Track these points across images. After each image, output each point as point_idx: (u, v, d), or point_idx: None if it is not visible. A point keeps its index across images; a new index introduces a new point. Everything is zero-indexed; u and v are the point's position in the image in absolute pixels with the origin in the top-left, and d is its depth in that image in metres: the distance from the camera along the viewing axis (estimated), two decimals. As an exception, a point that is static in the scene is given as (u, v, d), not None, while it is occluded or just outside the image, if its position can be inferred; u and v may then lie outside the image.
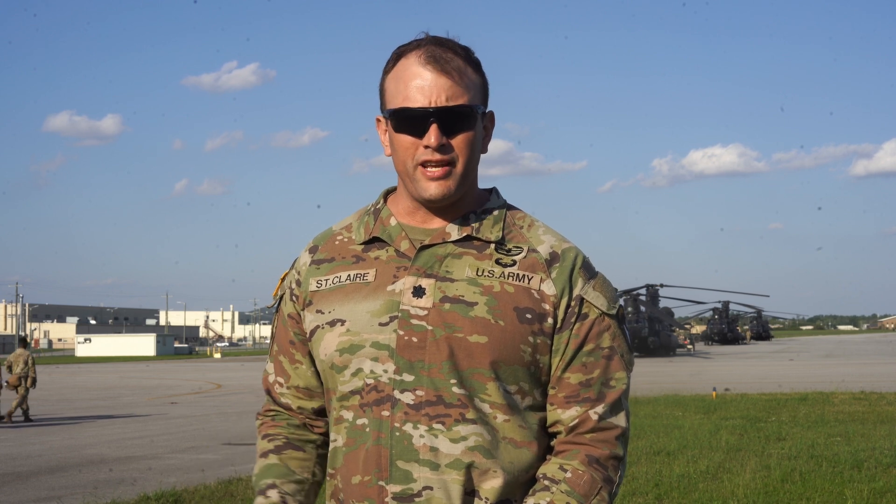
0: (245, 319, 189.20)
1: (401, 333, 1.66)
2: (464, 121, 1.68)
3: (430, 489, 1.62)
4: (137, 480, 10.18)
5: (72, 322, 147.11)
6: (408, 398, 1.64)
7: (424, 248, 1.71)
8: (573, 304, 1.69)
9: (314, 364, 1.81)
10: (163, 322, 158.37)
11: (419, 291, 1.67)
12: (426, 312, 1.66)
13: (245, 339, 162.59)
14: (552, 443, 1.72)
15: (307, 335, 1.78)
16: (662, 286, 62.41)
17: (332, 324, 1.72)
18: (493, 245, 1.72)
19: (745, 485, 8.66)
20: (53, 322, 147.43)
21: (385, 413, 1.65)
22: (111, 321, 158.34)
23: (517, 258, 1.71)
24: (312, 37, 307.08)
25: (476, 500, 1.64)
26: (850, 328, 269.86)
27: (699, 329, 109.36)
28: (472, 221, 1.73)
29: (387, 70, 1.74)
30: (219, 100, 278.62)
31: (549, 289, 1.69)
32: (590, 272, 1.74)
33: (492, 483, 1.64)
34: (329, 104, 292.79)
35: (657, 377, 29.60)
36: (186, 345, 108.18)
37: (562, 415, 1.69)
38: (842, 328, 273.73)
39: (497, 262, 1.70)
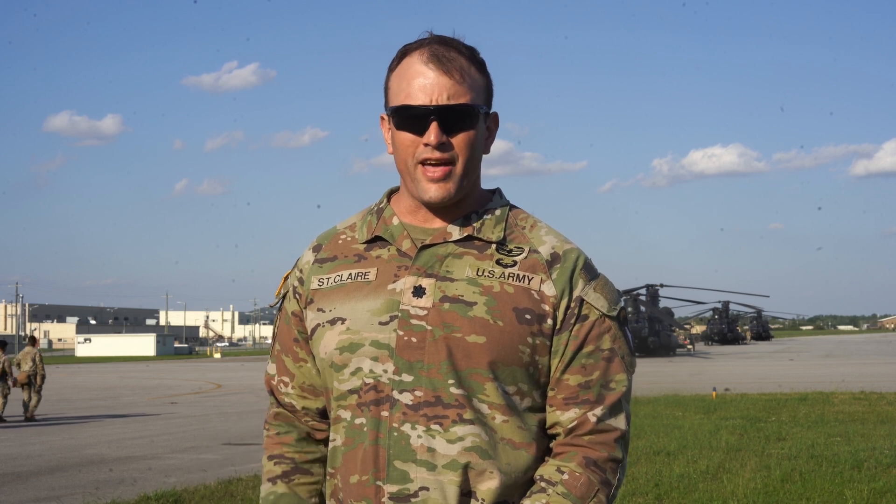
0: (245, 319, 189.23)
1: (400, 333, 1.66)
2: (465, 120, 1.68)
3: (427, 490, 1.62)
4: (137, 480, 10.17)
5: (72, 322, 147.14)
6: (406, 398, 1.64)
7: (425, 248, 1.71)
8: (573, 306, 1.69)
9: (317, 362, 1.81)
10: (163, 322, 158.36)
11: (419, 291, 1.67)
12: (426, 312, 1.66)
13: (245, 339, 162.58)
14: (551, 444, 1.72)
15: (309, 333, 1.78)
16: (662, 286, 62.41)
17: (333, 322, 1.72)
18: (495, 245, 1.72)
19: (745, 485, 8.66)
20: (53, 322, 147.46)
21: (384, 413, 1.65)
22: (111, 321, 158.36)
23: (518, 259, 1.71)
24: (312, 37, 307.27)
25: (472, 501, 1.64)
26: (850, 328, 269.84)
27: (699, 329, 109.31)
28: (474, 221, 1.73)
29: (391, 68, 1.74)
30: (219, 100, 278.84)
31: (550, 290, 1.68)
32: (591, 273, 1.73)
33: (488, 484, 1.64)
34: (329, 104, 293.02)
35: (657, 377, 29.59)
36: (186, 345, 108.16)
37: (560, 416, 1.69)
38: (842, 328, 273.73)
39: (498, 263, 1.70)
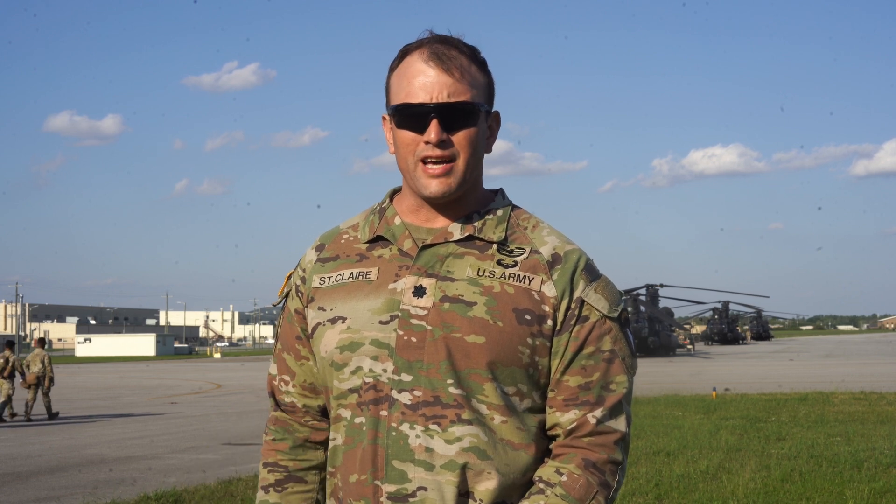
0: (245, 319, 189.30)
1: (400, 333, 1.66)
2: (465, 117, 1.68)
3: (425, 490, 1.62)
4: (137, 480, 10.17)
5: (72, 322, 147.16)
6: (405, 398, 1.64)
7: (426, 248, 1.71)
8: (573, 307, 1.68)
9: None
10: (163, 322, 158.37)
11: (420, 291, 1.67)
12: (426, 312, 1.66)
13: (245, 340, 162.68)
14: (550, 446, 1.71)
15: (310, 331, 1.78)
16: (662, 286, 62.41)
17: (334, 321, 1.72)
18: (496, 245, 1.72)
19: (745, 485, 8.66)
20: (53, 322, 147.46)
21: (383, 413, 1.65)
22: (111, 321, 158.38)
23: (519, 259, 1.70)
24: (312, 37, 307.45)
25: (470, 502, 1.63)
26: (850, 328, 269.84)
27: (699, 329, 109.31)
28: (475, 221, 1.73)
29: (392, 67, 1.74)
30: (219, 100, 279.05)
31: (550, 290, 1.68)
32: (592, 274, 1.73)
33: (486, 485, 1.64)
34: (329, 104, 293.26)
35: (657, 377, 29.59)
36: (186, 345, 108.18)
37: (560, 418, 1.69)
38: (842, 328, 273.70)
39: (499, 263, 1.69)
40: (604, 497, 1.65)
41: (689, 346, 68.93)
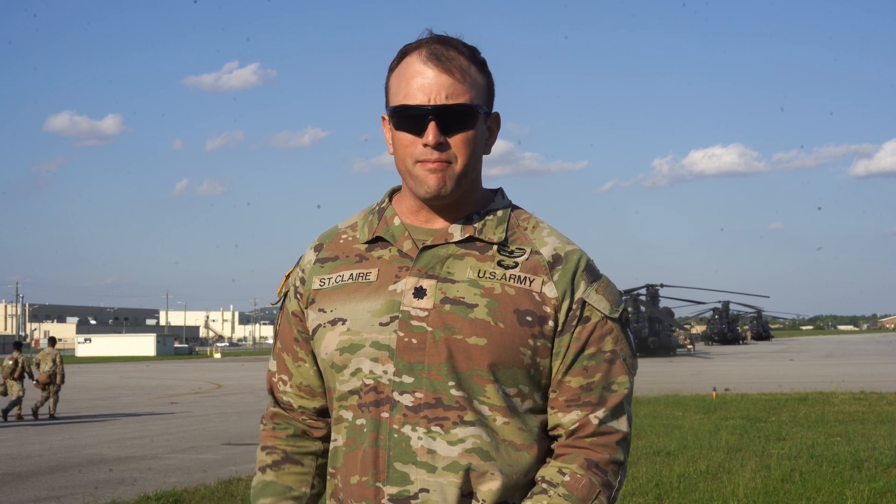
0: (245, 319, 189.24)
1: (401, 335, 1.65)
2: (463, 120, 1.67)
3: (427, 491, 1.62)
4: (137, 480, 10.17)
5: (72, 322, 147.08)
6: (406, 400, 1.64)
7: (427, 249, 1.71)
8: (575, 308, 1.68)
9: (317, 363, 1.81)
10: (163, 322, 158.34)
11: (420, 292, 1.67)
12: (426, 314, 1.65)
13: (245, 340, 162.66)
14: (552, 446, 1.71)
15: (310, 333, 1.78)
16: (662, 286, 62.41)
17: (334, 322, 1.72)
18: (496, 246, 1.71)
19: (745, 485, 8.66)
20: (53, 322, 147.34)
21: (384, 414, 1.64)
22: (111, 321, 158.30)
23: (519, 260, 1.70)
24: (312, 37, 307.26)
25: (473, 503, 1.63)
26: (850, 328, 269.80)
27: (699, 329, 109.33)
28: (476, 222, 1.73)
29: (391, 68, 1.74)
30: (219, 100, 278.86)
31: (551, 291, 1.68)
32: (593, 275, 1.72)
33: (489, 485, 1.63)
34: (329, 104, 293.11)
35: (657, 377, 29.59)
36: (186, 345, 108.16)
37: (562, 418, 1.68)
38: (842, 328, 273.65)
39: (499, 264, 1.69)
40: (606, 497, 1.65)
41: (690, 346, 68.93)
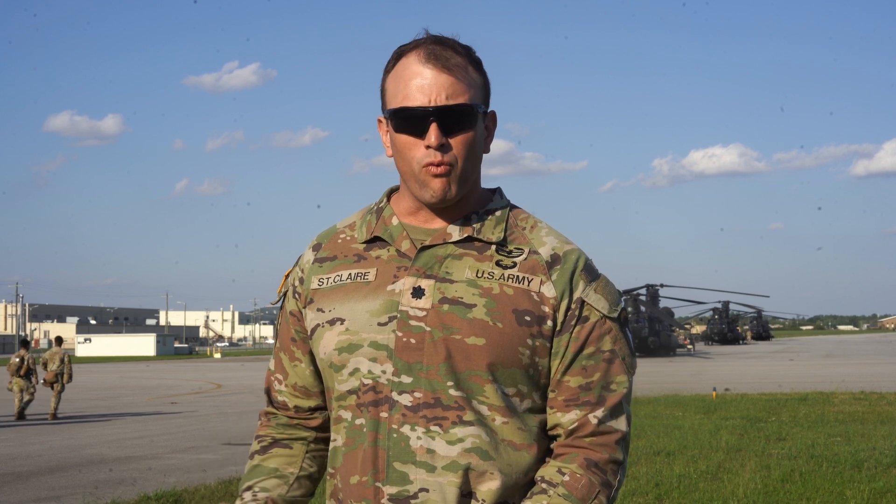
0: (245, 319, 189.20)
1: (399, 335, 1.65)
2: (464, 120, 1.66)
3: (427, 491, 1.62)
4: (137, 480, 10.17)
5: (72, 322, 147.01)
6: (405, 400, 1.63)
7: (425, 249, 1.70)
8: (573, 307, 1.68)
9: (314, 363, 1.81)
10: (163, 322, 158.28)
11: (418, 292, 1.66)
12: (425, 314, 1.65)
13: (245, 339, 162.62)
14: (551, 446, 1.71)
15: (308, 333, 1.78)
16: (662, 286, 62.41)
17: (332, 322, 1.71)
18: (495, 246, 1.71)
19: (745, 485, 8.66)
20: (53, 322, 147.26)
21: (383, 414, 1.64)
22: (111, 321, 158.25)
23: (518, 260, 1.69)
24: (312, 37, 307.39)
25: (473, 502, 1.63)
26: (850, 328, 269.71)
27: (699, 329, 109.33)
28: (474, 222, 1.72)
29: (387, 70, 1.72)
30: (219, 100, 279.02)
31: (549, 291, 1.67)
32: (592, 275, 1.72)
33: (489, 485, 1.63)
34: (330, 104, 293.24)
35: (657, 377, 29.59)
36: (186, 345, 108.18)
37: (561, 418, 1.68)
38: (842, 328, 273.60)
39: (497, 264, 1.69)
40: (606, 496, 1.65)
41: (689, 346, 68.93)
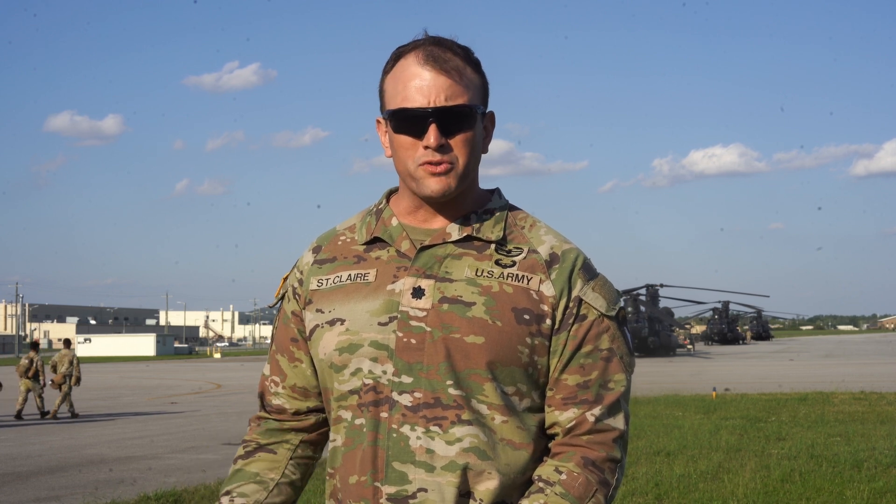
0: (245, 319, 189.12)
1: (400, 335, 1.66)
2: (463, 121, 1.67)
3: (425, 491, 1.62)
4: (137, 480, 10.18)
5: (72, 322, 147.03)
6: (405, 400, 1.64)
7: (424, 249, 1.71)
8: (571, 306, 1.68)
9: (314, 363, 1.81)
10: (163, 322, 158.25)
11: (418, 292, 1.67)
12: (425, 314, 1.65)
13: (245, 339, 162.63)
14: (549, 444, 1.71)
15: (308, 334, 1.78)
16: (662, 286, 62.42)
17: (332, 323, 1.72)
18: (494, 245, 1.71)
19: (745, 485, 8.66)
20: (53, 322, 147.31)
21: (383, 414, 1.64)
22: (111, 321, 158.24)
23: (517, 259, 1.70)
24: (312, 37, 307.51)
25: (471, 502, 1.63)
26: (850, 328, 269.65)
27: (699, 329, 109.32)
28: (473, 222, 1.73)
29: (386, 71, 1.73)
30: (219, 100, 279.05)
31: (548, 290, 1.68)
32: (590, 273, 1.73)
33: (487, 485, 1.63)
34: (330, 104, 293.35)
35: (657, 377, 29.59)
36: (186, 345, 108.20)
37: (559, 416, 1.68)
38: (842, 328, 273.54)
39: (497, 263, 1.69)
40: (603, 495, 1.65)
41: (689, 346, 68.95)
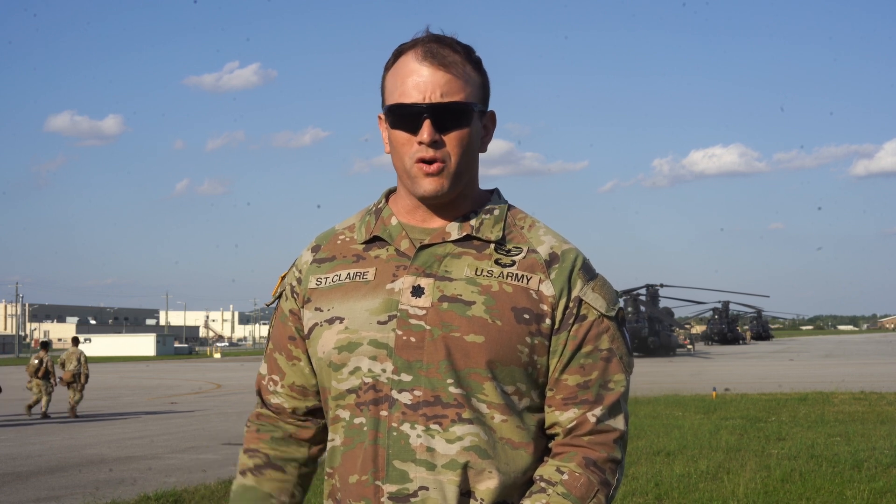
0: (245, 319, 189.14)
1: (399, 333, 1.66)
2: (458, 117, 1.67)
3: (426, 489, 1.62)
4: (137, 480, 10.18)
5: (72, 322, 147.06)
6: (405, 398, 1.64)
7: (424, 248, 1.71)
8: (571, 306, 1.68)
9: (312, 362, 1.81)
10: (163, 322, 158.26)
11: (418, 291, 1.67)
12: (424, 312, 1.65)
13: (245, 339, 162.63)
14: (550, 444, 1.71)
15: (306, 332, 1.78)
16: (662, 286, 62.41)
17: (331, 321, 1.72)
18: (493, 245, 1.72)
19: (745, 485, 8.66)
20: (53, 322, 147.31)
21: (383, 413, 1.64)
22: (111, 321, 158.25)
23: (516, 258, 1.70)
24: (313, 37, 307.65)
25: (471, 501, 1.63)
26: (850, 328, 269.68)
27: (699, 329, 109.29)
28: (473, 221, 1.73)
29: (387, 67, 1.74)
30: (220, 100, 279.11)
31: (548, 289, 1.68)
32: (589, 273, 1.73)
33: (487, 484, 1.63)
34: (330, 104, 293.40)
35: (657, 377, 29.59)
36: (186, 345, 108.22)
37: (559, 417, 1.69)
38: (842, 328, 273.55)
39: (496, 262, 1.69)
40: (605, 495, 1.65)
41: (689, 346, 68.93)
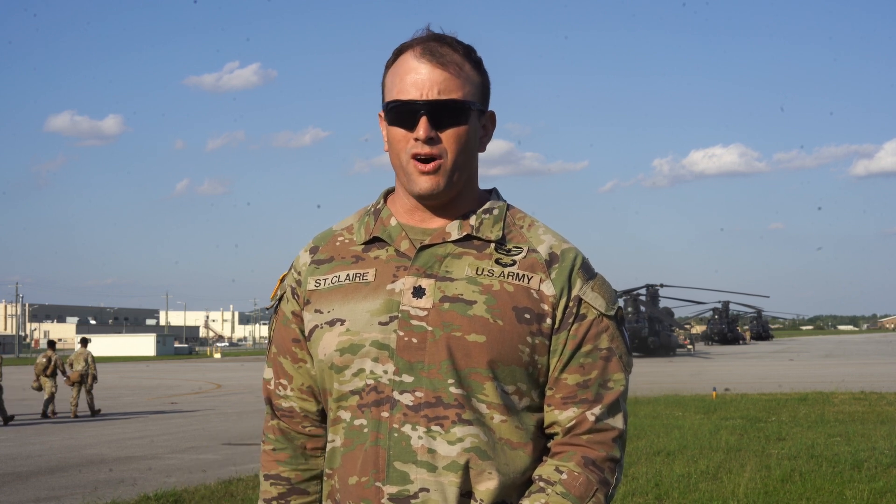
0: (245, 319, 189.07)
1: (401, 334, 1.66)
2: (455, 115, 1.68)
3: (427, 491, 1.62)
4: (137, 480, 10.18)
5: (72, 322, 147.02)
6: (407, 399, 1.64)
7: (424, 248, 1.71)
8: (571, 305, 1.69)
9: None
10: (163, 322, 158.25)
11: (419, 292, 1.67)
12: (426, 313, 1.65)
13: (245, 340, 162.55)
14: (549, 444, 1.71)
15: (307, 335, 1.78)
16: (662, 286, 62.42)
17: (332, 323, 1.71)
18: (493, 245, 1.72)
19: (745, 485, 8.66)
20: (53, 322, 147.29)
21: (384, 414, 1.64)
22: (111, 321, 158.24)
23: (517, 258, 1.70)
24: (313, 37, 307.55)
25: (472, 502, 1.63)
26: (850, 328, 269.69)
27: (699, 329, 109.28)
28: (472, 221, 1.73)
29: (388, 65, 1.75)
30: (220, 100, 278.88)
31: (549, 289, 1.68)
32: (589, 273, 1.73)
33: (487, 484, 1.64)
34: (330, 104, 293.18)
35: (657, 377, 29.60)
36: (186, 345, 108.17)
37: (559, 416, 1.69)
38: (842, 328, 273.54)
39: (497, 262, 1.69)
40: (604, 494, 1.65)
41: (689, 346, 68.92)
